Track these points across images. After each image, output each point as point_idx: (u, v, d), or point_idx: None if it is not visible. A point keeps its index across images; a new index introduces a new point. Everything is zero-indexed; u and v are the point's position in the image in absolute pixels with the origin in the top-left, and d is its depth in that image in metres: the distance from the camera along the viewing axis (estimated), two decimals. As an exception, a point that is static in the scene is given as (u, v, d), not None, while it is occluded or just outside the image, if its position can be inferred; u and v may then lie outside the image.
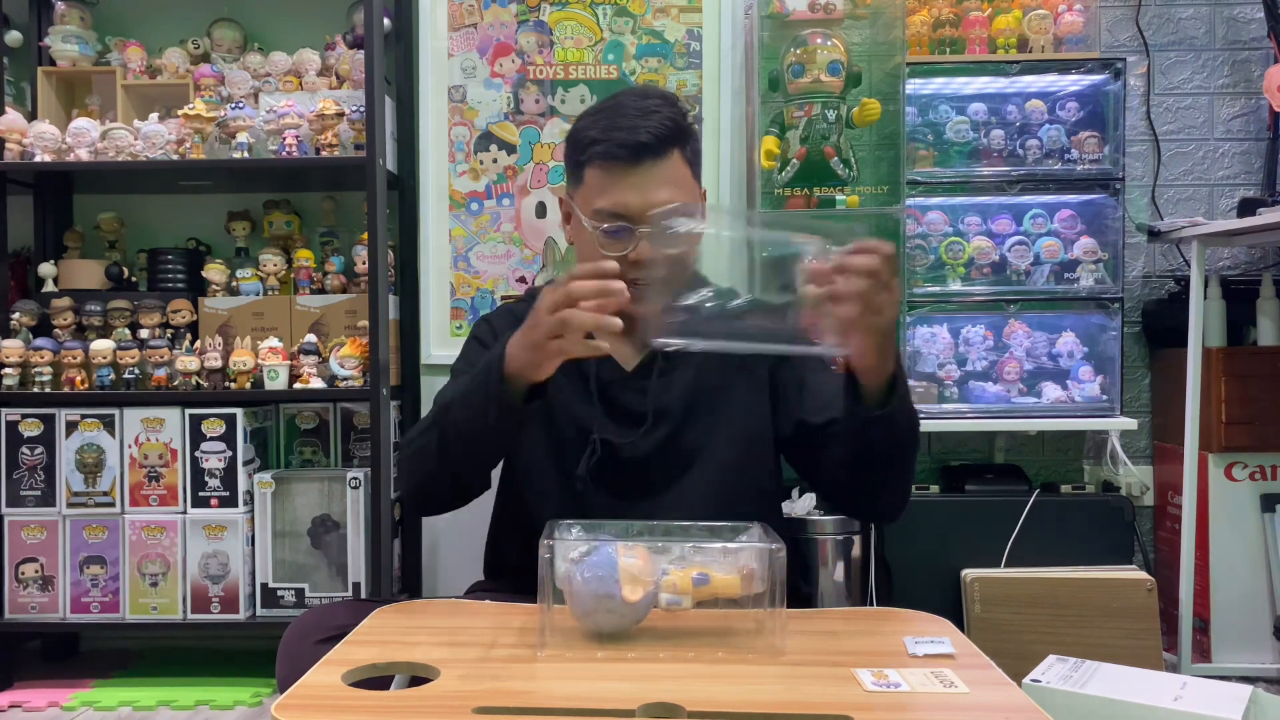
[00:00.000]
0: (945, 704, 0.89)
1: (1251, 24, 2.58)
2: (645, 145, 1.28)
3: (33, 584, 2.28)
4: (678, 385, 1.39)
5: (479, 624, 1.11)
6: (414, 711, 0.87)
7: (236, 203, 2.55)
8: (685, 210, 1.26)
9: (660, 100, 1.33)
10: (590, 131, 1.32)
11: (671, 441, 1.37)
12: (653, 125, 1.29)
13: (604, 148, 1.29)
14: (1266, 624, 2.36)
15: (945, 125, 2.47)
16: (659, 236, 1.25)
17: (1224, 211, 2.58)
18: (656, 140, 1.29)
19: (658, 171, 1.29)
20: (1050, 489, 2.42)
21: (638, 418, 1.38)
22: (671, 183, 1.30)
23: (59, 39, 2.43)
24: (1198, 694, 1.67)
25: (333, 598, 2.27)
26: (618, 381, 1.40)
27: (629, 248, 1.29)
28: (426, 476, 1.32)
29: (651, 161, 1.29)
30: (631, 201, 1.29)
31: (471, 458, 1.29)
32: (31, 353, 2.29)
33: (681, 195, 1.31)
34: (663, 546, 1.05)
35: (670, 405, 1.38)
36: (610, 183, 1.30)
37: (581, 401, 1.39)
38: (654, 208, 1.27)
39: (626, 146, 1.28)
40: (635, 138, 1.28)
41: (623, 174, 1.29)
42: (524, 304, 1.47)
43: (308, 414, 2.49)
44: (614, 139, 1.29)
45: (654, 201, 1.28)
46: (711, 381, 1.40)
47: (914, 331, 2.45)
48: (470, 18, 2.56)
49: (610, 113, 1.33)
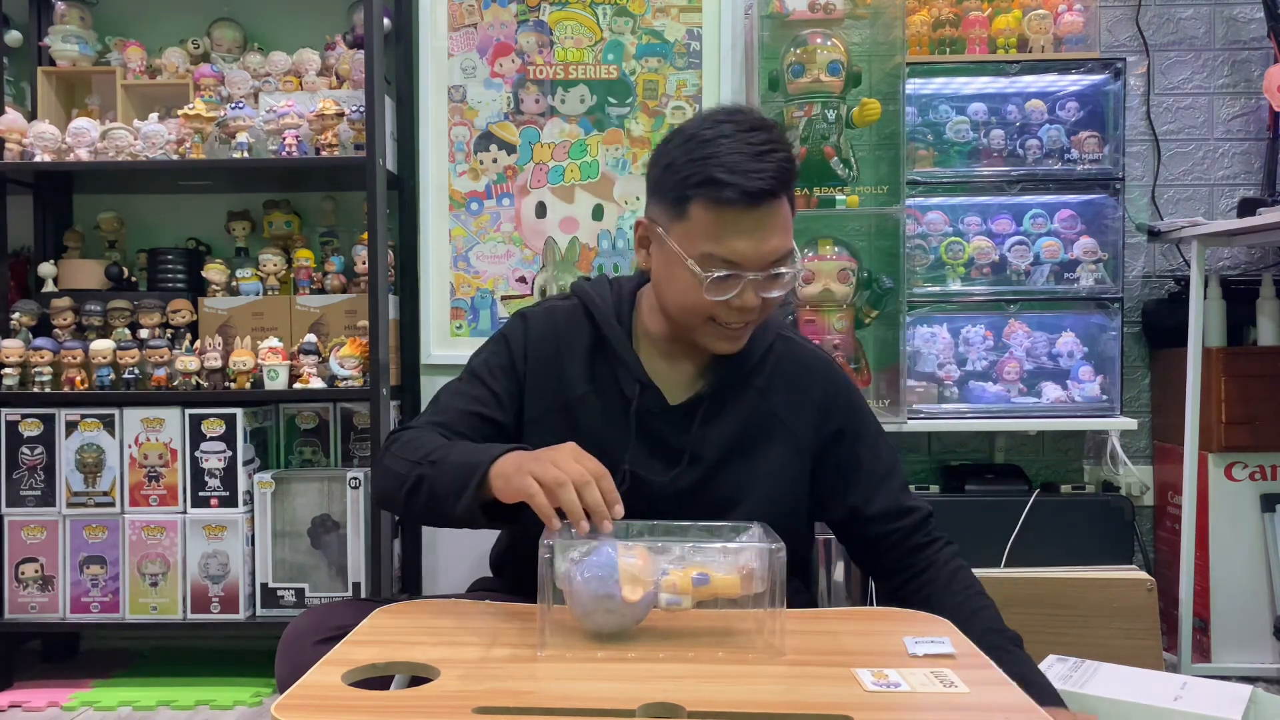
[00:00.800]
0: (945, 704, 0.89)
1: (1251, 24, 2.58)
2: (765, 193, 1.19)
3: (33, 584, 2.28)
4: (719, 431, 1.33)
5: (479, 624, 1.11)
6: (414, 711, 0.87)
7: (236, 203, 2.55)
8: None
9: (770, 138, 1.22)
10: (706, 168, 1.20)
11: (703, 486, 1.32)
12: (771, 169, 1.19)
13: (727, 193, 1.18)
14: (1266, 624, 2.36)
15: (945, 125, 2.47)
16: (764, 282, 1.22)
17: (1224, 211, 2.58)
18: (776, 185, 1.20)
19: (772, 218, 1.22)
20: (1050, 489, 2.42)
21: (673, 455, 1.32)
22: (783, 229, 1.23)
23: (59, 39, 2.43)
24: (1198, 694, 1.66)
25: (333, 598, 2.27)
26: (659, 414, 1.33)
27: (733, 292, 1.22)
28: (393, 504, 1.28)
29: (768, 208, 1.21)
30: (746, 251, 1.21)
31: (432, 518, 1.25)
32: (31, 353, 2.29)
33: (790, 240, 1.25)
34: (663, 546, 1.05)
35: (707, 450, 1.32)
36: (723, 228, 1.21)
37: (614, 426, 1.32)
38: (766, 257, 1.22)
39: (749, 194, 1.18)
40: (758, 184, 1.18)
41: (739, 220, 1.20)
42: (564, 303, 1.40)
43: (308, 414, 2.49)
44: (736, 185, 1.18)
45: (767, 251, 1.22)
46: (754, 434, 1.34)
47: (914, 331, 2.45)
48: (470, 18, 2.56)
49: (724, 149, 1.20)
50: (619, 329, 1.35)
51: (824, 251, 2.32)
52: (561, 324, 1.38)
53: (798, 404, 1.36)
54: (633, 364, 1.33)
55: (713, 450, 1.32)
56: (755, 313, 1.26)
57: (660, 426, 1.33)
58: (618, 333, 1.35)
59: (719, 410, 1.33)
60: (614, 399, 1.33)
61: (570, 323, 1.38)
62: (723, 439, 1.33)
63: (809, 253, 2.33)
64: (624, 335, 1.35)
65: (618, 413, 1.33)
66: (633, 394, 1.32)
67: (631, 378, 1.32)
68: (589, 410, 1.33)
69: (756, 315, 1.27)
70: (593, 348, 1.36)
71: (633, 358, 1.33)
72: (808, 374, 1.38)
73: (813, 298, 2.32)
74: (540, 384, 1.36)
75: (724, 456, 1.33)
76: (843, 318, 2.34)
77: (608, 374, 1.34)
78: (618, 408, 1.33)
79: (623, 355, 1.33)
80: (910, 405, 2.37)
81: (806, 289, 2.32)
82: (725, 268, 1.22)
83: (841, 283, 2.31)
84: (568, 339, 1.37)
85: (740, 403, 1.34)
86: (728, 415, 1.33)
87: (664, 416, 1.33)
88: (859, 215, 2.42)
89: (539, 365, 1.36)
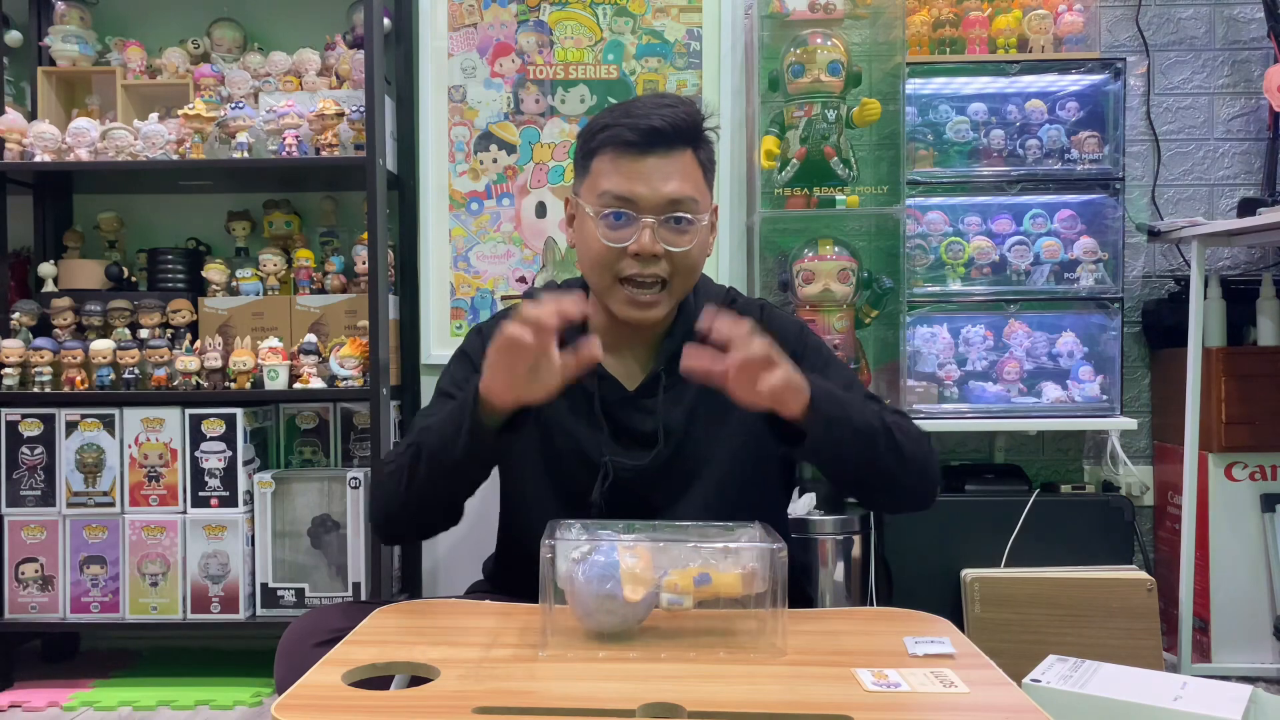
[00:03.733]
0: (945, 704, 0.89)
1: (1251, 24, 2.58)
2: (657, 131, 1.25)
3: (33, 584, 2.28)
4: (681, 402, 1.36)
5: (479, 624, 1.11)
6: (414, 711, 0.87)
7: (236, 203, 2.54)
8: None
9: (678, 99, 1.31)
10: (602, 119, 1.30)
11: (676, 457, 1.34)
12: (666, 114, 1.26)
13: (614, 132, 1.26)
14: (1266, 624, 2.36)
15: (945, 125, 2.47)
16: (663, 228, 1.23)
17: (1224, 211, 2.58)
18: (670, 129, 1.26)
19: (668, 162, 1.26)
20: (1050, 489, 2.41)
21: (646, 438, 1.34)
22: (681, 175, 1.27)
23: (59, 39, 2.43)
24: (1198, 694, 1.67)
25: (333, 598, 2.27)
26: (622, 402, 1.36)
27: (631, 238, 1.26)
28: (394, 501, 1.28)
29: (663, 151, 1.26)
30: (638, 188, 1.25)
31: (440, 486, 1.25)
32: (31, 353, 2.29)
33: (691, 192, 1.27)
34: (664, 546, 1.05)
35: (675, 423, 1.35)
36: (618, 168, 1.27)
37: (584, 425, 1.35)
38: (662, 198, 1.25)
39: (638, 130, 1.25)
40: (648, 123, 1.25)
41: (632, 160, 1.26)
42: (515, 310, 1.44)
43: (308, 414, 2.49)
44: (625, 124, 1.26)
45: (662, 192, 1.25)
46: (712, 395, 1.34)
47: (914, 331, 2.45)
48: (470, 17, 2.56)
49: (624, 105, 1.31)
50: (571, 326, 1.36)
51: (824, 251, 2.32)
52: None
53: None
54: None
55: (678, 422, 1.35)
56: (659, 265, 1.26)
57: (627, 414, 1.35)
58: (570, 330, 1.35)
59: (677, 384, 1.35)
60: (577, 396, 1.34)
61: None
62: (685, 409, 1.35)
63: (809, 253, 2.33)
64: (576, 332, 1.36)
65: (584, 409, 1.35)
66: (593, 388, 1.34)
67: (589, 372, 1.33)
68: (556, 411, 1.33)
69: (663, 270, 1.27)
70: None
71: None
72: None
73: (813, 298, 2.32)
74: None
75: (691, 422, 1.35)
76: (843, 318, 2.34)
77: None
78: (582, 404, 1.35)
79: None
80: (910, 405, 2.37)
81: (806, 289, 2.32)
82: (619, 204, 1.26)
83: (841, 283, 2.31)
84: None
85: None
86: (685, 386, 1.35)
87: (628, 403, 1.36)
88: (859, 215, 2.41)
89: None
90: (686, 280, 1.33)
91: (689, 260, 1.30)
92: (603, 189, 1.27)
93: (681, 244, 1.28)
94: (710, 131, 1.34)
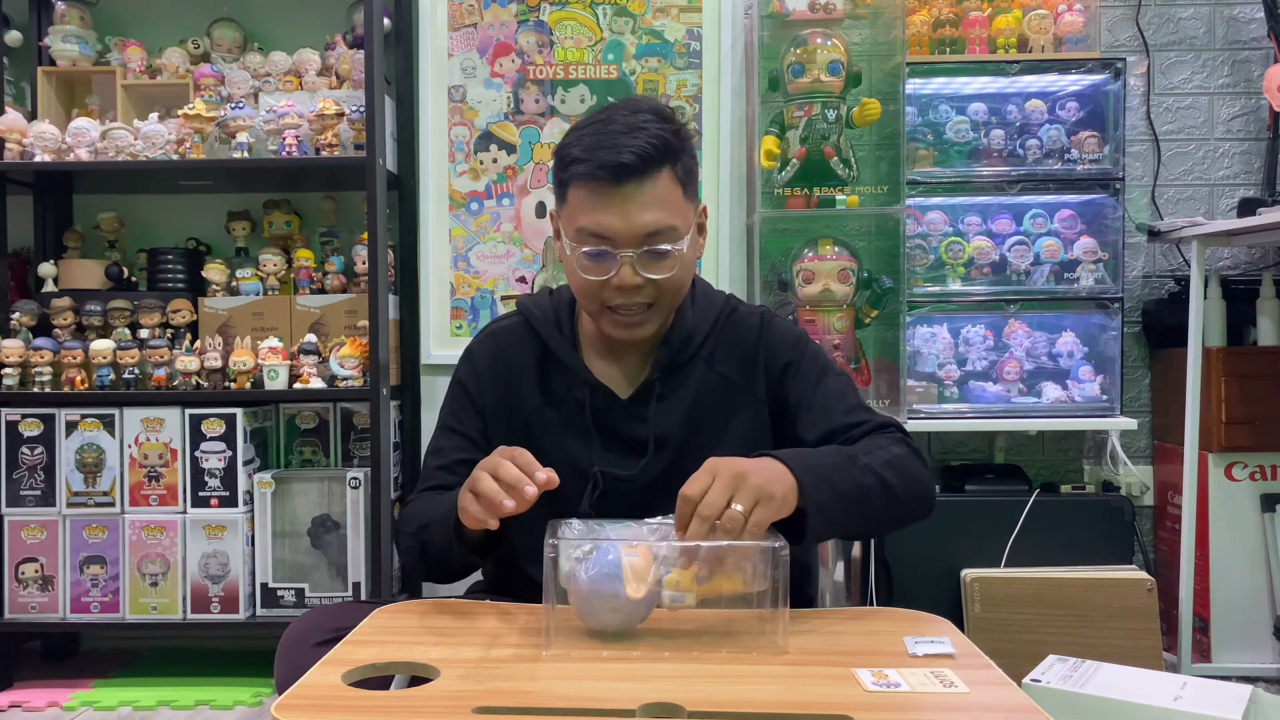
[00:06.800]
0: (945, 704, 0.89)
1: (1251, 24, 2.59)
2: (628, 166, 1.20)
3: (33, 584, 2.28)
4: (677, 410, 1.33)
5: (479, 624, 1.11)
6: (414, 711, 0.87)
7: (236, 203, 2.55)
8: None
9: (650, 115, 1.24)
10: (574, 149, 1.23)
11: (673, 469, 1.31)
12: (638, 145, 1.20)
13: (586, 168, 1.21)
14: (1266, 624, 2.36)
15: (945, 125, 2.48)
16: (643, 260, 1.22)
17: (1224, 211, 2.58)
18: (641, 160, 1.20)
19: (642, 193, 1.22)
20: (1050, 489, 2.42)
21: (637, 447, 1.33)
22: (658, 204, 1.23)
23: (59, 39, 2.43)
24: (1198, 694, 1.67)
25: (333, 598, 2.27)
26: (614, 410, 1.34)
27: (610, 272, 1.23)
28: (420, 573, 1.36)
29: (636, 183, 1.21)
30: (614, 224, 1.22)
31: (453, 571, 1.30)
32: (31, 353, 2.29)
33: (669, 219, 1.24)
34: (665, 545, 1.05)
35: (670, 432, 1.33)
36: (592, 203, 1.22)
37: (575, 434, 1.34)
38: (639, 232, 1.22)
39: (608, 167, 1.20)
40: (618, 158, 1.19)
41: (605, 195, 1.22)
42: (507, 322, 1.43)
43: (308, 414, 2.49)
44: (597, 159, 1.20)
45: (637, 225, 1.22)
46: (710, 403, 1.35)
47: (914, 331, 2.45)
48: (470, 18, 2.56)
49: (596, 128, 1.24)
50: (560, 336, 1.36)
51: (824, 251, 2.32)
52: (505, 344, 1.39)
53: (741, 361, 1.36)
54: (579, 368, 1.34)
55: (676, 429, 1.33)
56: (642, 293, 1.25)
57: (618, 423, 1.34)
58: (559, 340, 1.36)
59: (671, 392, 1.34)
60: (569, 406, 1.34)
61: (515, 340, 1.39)
62: (681, 418, 1.34)
63: (809, 253, 2.33)
64: (566, 342, 1.36)
65: (575, 419, 1.34)
66: (584, 397, 1.33)
67: (580, 381, 1.34)
68: (546, 422, 1.34)
69: (647, 296, 1.26)
70: (540, 360, 1.37)
71: (577, 362, 1.34)
72: (745, 329, 1.38)
73: (813, 298, 2.32)
74: (498, 409, 1.37)
75: (686, 434, 1.34)
76: (843, 318, 2.34)
77: (559, 383, 1.35)
78: (574, 414, 1.34)
79: (567, 361, 1.35)
80: (910, 405, 2.37)
81: (806, 289, 2.32)
82: (595, 243, 1.23)
83: (841, 283, 2.31)
84: (515, 357, 1.38)
85: (689, 379, 1.34)
86: (680, 394, 1.34)
87: (619, 412, 1.34)
88: (859, 215, 2.42)
89: (493, 392, 1.38)
90: (674, 298, 1.32)
91: (673, 283, 1.28)
92: (579, 224, 1.24)
93: (663, 271, 1.25)
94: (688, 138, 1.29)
